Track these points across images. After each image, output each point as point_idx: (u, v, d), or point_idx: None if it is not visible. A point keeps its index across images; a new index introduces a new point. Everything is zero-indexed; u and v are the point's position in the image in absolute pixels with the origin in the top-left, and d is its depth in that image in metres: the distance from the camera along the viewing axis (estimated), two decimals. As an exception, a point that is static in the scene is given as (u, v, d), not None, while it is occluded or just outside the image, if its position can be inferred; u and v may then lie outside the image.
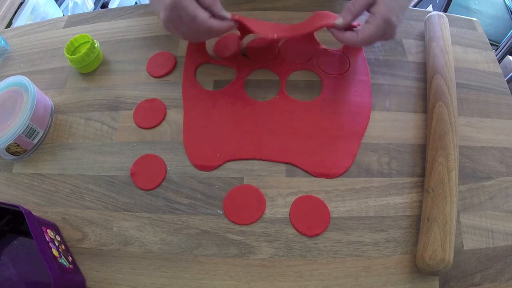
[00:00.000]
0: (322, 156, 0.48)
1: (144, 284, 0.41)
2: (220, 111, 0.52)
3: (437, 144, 0.45)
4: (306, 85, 0.54)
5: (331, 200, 0.45)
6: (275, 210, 0.45)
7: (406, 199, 0.45)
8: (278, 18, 0.62)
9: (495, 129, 0.51)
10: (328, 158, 0.47)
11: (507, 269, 0.41)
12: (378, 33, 0.44)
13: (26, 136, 0.49)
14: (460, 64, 0.56)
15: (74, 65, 0.57)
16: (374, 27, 0.44)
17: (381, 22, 0.44)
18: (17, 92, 0.51)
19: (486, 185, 0.46)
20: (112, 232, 0.44)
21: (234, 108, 0.52)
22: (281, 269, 0.41)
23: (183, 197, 0.46)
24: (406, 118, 0.51)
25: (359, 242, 0.42)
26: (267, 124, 0.50)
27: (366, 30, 0.45)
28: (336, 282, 0.40)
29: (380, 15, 0.43)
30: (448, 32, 0.57)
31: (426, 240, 0.39)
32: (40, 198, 0.48)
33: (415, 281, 0.40)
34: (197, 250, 0.43)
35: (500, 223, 0.44)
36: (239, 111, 0.52)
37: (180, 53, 0.58)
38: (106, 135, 0.52)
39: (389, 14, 0.43)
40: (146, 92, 0.55)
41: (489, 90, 0.54)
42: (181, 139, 0.50)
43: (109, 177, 0.48)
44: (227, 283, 0.41)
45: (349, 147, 0.48)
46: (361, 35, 0.45)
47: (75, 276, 0.41)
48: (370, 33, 0.44)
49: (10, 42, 0.65)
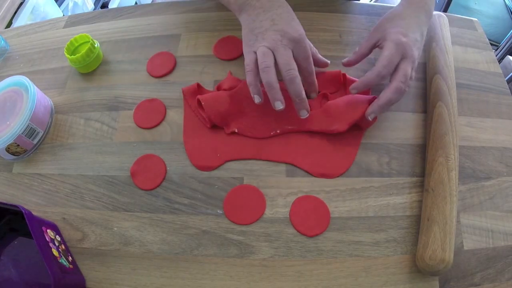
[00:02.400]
0: (322, 156, 0.48)
1: (144, 284, 0.41)
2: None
3: (437, 144, 0.45)
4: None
5: (331, 200, 0.45)
6: (275, 210, 0.45)
7: (406, 199, 0.45)
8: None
9: (495, 129, 0.51)
10: (328, 158, 0.47)
11: (507, 269, 0.41)
12: (395, 55, 0.44)
13: (26, 136, 0.49)
14: (460, 64, 0.56)
15: (74, 65, 0.57)
16: (387, 50, 0.44)
17: (392, 45, 0.44)
18: (17, 92, 0.51)
19: (486, 185, 0.46)
20: (112, 232, 0.44)
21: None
22: (281, 269, 0.41)
23: (183, 197, 0.46)
24: (406, 118, 0.51)
25: (359, 242, 0.42)
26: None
27: (382, 53, 0.45)
28: (336, 282, 0.40)
29: (391, 40, 0.45)
30: (448, 32, 0.57)
31: (426, 240, 0.39)
32: (40, 198, 0.48)
33: (415, 281, 0.40)
34: (197, 250, 0.43)
35: (500, 223, 0.44)
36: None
37: (180, 53, 0.58)
38: (106, 135, 0.52)
39: (397, 36, 0.45)
40: (146, 92, 0.55)
41: (489, 90, 0.54)
42: (181, 139, 0.50)
43: (109, 177, 0.48)
44: (227, 283, 0.41)
45: (349, 147, 0.48)
46: (379, 64, 0.44)
47: (75, 276, 0.41)
48: (386, 56, 0.44)
49: (10, 42, 0.65)
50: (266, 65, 0.43)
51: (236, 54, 0.57)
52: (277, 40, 0.44)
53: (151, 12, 0.65)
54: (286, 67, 0.43)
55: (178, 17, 0.64)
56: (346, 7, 0.64)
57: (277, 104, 0.44)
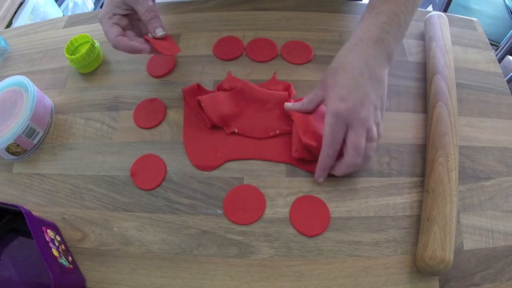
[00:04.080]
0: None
1: (144, 284, 0.41)
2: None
3: (437, 144, 0.45)
4: (306, 85, 0.54)
5: (331, 200, 0.45)
6: (275, 210, 0.45)
7: (406, 199, 0.45)
8: (278, 18, 0.62)
9: (495, 129, 0.51)
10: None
11: (507, 269, 0.41)
12: (336, 130, 0.40)
13: (26, 136, 0.49)
14: (460, 64, 0.56)
15: (74, 65, 0.57)
16: (327, 126, 0.41)
17: (331, 119, 0.40)
18: (17, 92, 0.51)
19: (486, 185, 0.46)
20: (112, 232, 0.44)
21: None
22: (281, 269, 0.41)
23: (183, 197, 0.46)
24: (406, 118, 0.51)
25: (359, 242, 0.42)
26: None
27: (324, 130, 0.41)
28: (336, 282, 0.40)
29: (329, 112, 0.41)
30: (448, 32, 0.57)
31: (426, 240, 0.39)
32: (40, 198, 0.48)
33: (415, 281, 0.40)
34: (197, 250, 0.43)
35: (500, 223, 0.44)
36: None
37: (180, 53, 0.58)
38: (106, 135, 0.52)
39: (335, 105, 0.40)
40: (146, 92, 0.55)
41: (489, 90, 0.54)
42: (181, 139, 0.50)
43: (109, 177, 0.48)
44: (227, 283, 0.41)
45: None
46: (324, 143, 0.41)
47: (75, 276, 0.41)
48: (327, 133, 0.41)
49: (10, 42, 0.65)
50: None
51: (236, 54, 0.57)
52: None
53: (151, 12, 0.65)
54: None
55: (178, 17, 0.64)
56: (346, 7, 0.64)
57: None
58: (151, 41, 0.48)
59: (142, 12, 0.46)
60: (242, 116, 0.50)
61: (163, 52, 0.48)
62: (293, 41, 0.59)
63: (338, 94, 0.40)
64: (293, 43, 0.58)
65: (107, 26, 0.47)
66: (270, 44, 0.58)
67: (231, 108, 0.50)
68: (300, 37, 0.59)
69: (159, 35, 0.47)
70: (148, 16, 0.46)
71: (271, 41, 0.59)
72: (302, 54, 0.57)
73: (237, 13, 0.63)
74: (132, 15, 0.48)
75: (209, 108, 0.49)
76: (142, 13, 0.46)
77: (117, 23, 0.47)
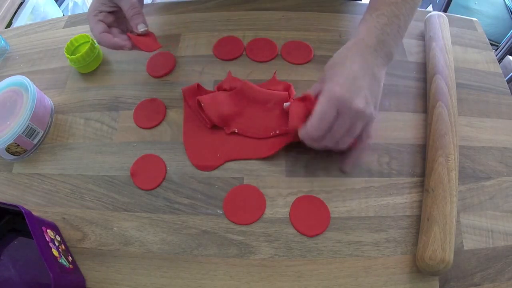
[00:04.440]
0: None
1: (144, 284, 0.41)
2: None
3: (437, 144, 0.45)
4: (306, 85, 0.54)
5: (331, 200, 0.45)
6: (275, 210, 0.45)
7: (406, 199, 0.45)
8: (278, 18, 0.62)
9: (495, 129, 0.51)
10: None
11: (507, 269, 0.41)
12: (327, 111, 0.39)
13: (26, 136, 0.49)
14: (460, 64, 0.56)
15: (74, 65, 0.57)
16: (318, 105, 0.40)
17: (325, 100, 0.39)
18: (17, 92, 0.51)
19: (486, 185, 0.46)
20: (112, 232, 0.44)
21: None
22: (281, 269, 0.41)
23: (183, 197, 0.46)
24: (406, 118, 0.51)
25: (359, 242, 0.42)
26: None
27: (314, 109, 0.40)
28: (336, 282, 0.40)
29: (323, 94, 0.40)
30: (448, 32, 0.57)
31: (426, 240, 0.39)
32: (40, 198, 0.48)
33: (415, 281, 0.40)
34: (197, 250, 0.43)
35: (500, 223, 0.44)
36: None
37: (180, 53, 0.58)
38: (106, 135, 0.52)
39: (333, 89, 0.39)
40: (146, 92, 0.55)
41: (489, 90, 0.54)
42: (181, 139, 0.50)
43: (109, 177, 0.48)
44: (227, 283, 0.41)
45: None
46: (308, 123, 0.40)
47: (75, 276, 0.41)
48: (316, 112, 0.39)
49: (10, 42, 0.65)
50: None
51: (236, 54, 0.57)
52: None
53: (151, 12, 0.65)
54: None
55: (178, 17, 0.64)
56: (346, 7, 0.64)
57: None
58: (132, 38, 0.49)
59: (125, 9, 0.48)
60: (242, 116, 0.50)
61: (142, 48, 0.49)
62: (293, 41, 0.59)
63: (335, 81, 0.40)
64: (293, 43, 0.58)
65: (92, 23, 0.48)
66: (270, 44, 0.58)
67: (231, 108, 0.50)
68: (300, 37, 0.59)
69: (140, 31, 0.49)
70: (131, 13, 0.48)
71: (271, 41, 0.59)
72: (302, 54, 0.57)
73: (237, 13, 0.63)
74: (118, 12, 0.50)
75: (209, 108, 0.49)
76: (126, 10, 0.48)
77: (102, 20, 0.49)
